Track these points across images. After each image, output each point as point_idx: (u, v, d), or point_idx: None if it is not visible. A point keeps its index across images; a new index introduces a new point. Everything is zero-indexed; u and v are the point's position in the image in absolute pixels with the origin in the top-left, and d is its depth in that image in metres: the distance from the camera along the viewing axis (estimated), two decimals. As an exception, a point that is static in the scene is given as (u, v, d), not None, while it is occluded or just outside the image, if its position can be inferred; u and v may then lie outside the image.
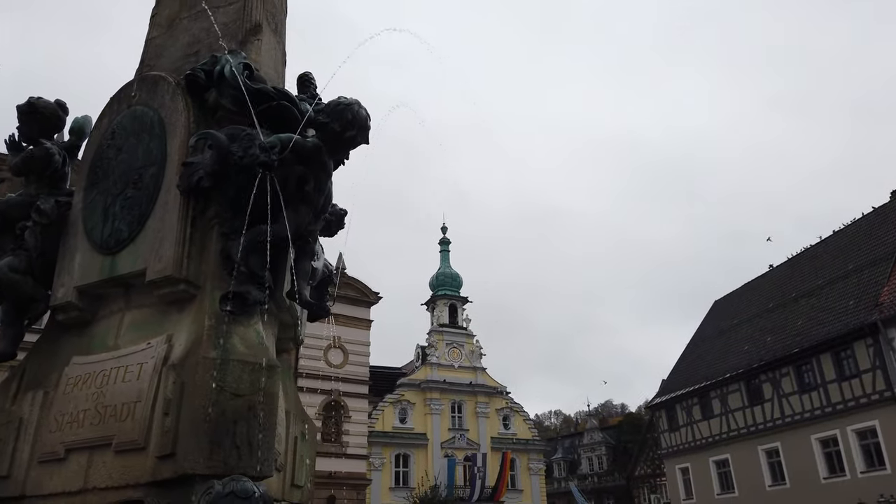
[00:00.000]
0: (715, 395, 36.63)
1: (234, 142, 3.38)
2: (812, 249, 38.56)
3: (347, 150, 3.72)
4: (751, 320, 38.60)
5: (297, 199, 3.44)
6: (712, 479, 36.18)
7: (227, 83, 3.58)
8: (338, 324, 28.92)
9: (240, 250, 3.23)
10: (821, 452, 29.71)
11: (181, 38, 4.31)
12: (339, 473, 26.37)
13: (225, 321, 3.11)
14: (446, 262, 53.98)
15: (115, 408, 3.05)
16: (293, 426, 3.97)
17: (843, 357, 29.21)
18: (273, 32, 4.57)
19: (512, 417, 49.61)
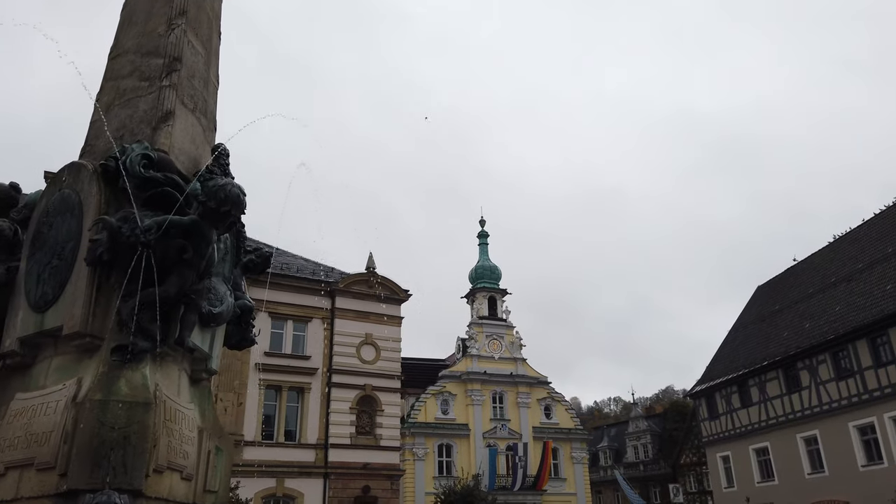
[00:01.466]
0: (754, 383, 36.26)
1: (126, 223, 4.25)
2: (853, 232, 37.54)
3: (226, 222, 4.55)
4: (791, 306, 37.94)
5: (180, 264, 4.29)
6: (752, 468, 35.89)
7: (129, 172, 4.46)
8: (370, 321, 30.05)
9: (132, 309, 4.12)
10: (858, 440, 29.23)
11: (113, 123, 5.21)
12: (374, 464, 27.50)
13: (116, 367, 4.01)
14: (485, 254, 54.71)
15: (37, 435, 3.98)
16: (207, 441, 4.85)
17: (879, 343, 28.60)
18: (192, 111, 5.43)
19: (554, 407, 50.10)
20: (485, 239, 55.42)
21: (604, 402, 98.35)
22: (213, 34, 6.09)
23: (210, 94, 5.91)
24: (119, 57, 5.61)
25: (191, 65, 5.53)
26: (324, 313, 29.17)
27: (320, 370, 28.17)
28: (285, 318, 28.33)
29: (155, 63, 5.32)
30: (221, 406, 25.30)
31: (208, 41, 5.93)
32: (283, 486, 25.68)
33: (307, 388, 27.72)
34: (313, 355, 28.26)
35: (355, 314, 29.59)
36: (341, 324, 29.20)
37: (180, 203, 4.40)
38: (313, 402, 27.66)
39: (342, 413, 27.82)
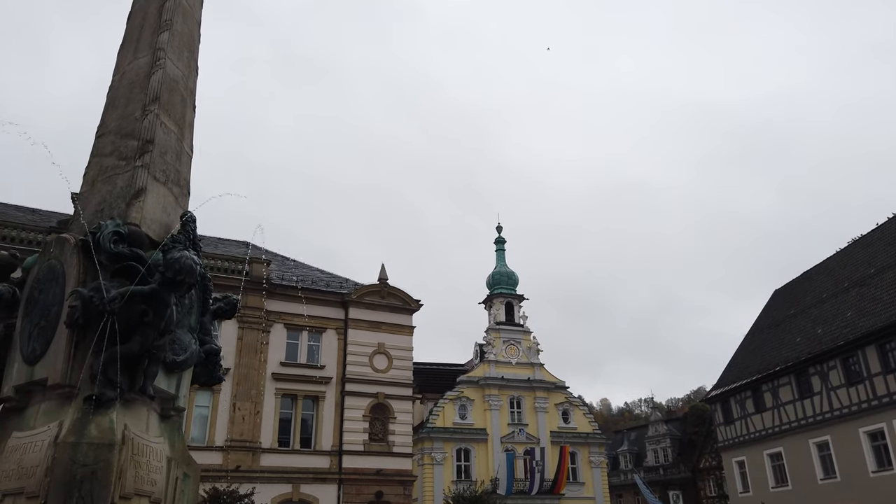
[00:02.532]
0: (767, 389, 36.38)
1: (96, 293, 5.14)
2: (868, 236, 37.42)
3: (182, 288, 5.41)
4: (805, 311, 37.93)
5: (143, 325, 5.16)
6: (767, 473, 36.00)
7: (101, 248, 5.36)
8: (381, 331, 31.00)
9: (100, 364, 5.01)
10: (869, 446, 29.28)
11: (96, 197, 6.13)
12: (387, 470, 28.40)
13: (88, 413, 4.89)
14: (502, 261, 55.34)
15: (27, 469, 4.87)
16: (175, 469, 5.72)
17: (888, 349, 28.63)
18: (164, 183, 6.32)
19: (571, 411, 50.56)
20: (502, 245, 56.05)
21: (634, 402, 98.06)
22: (186, 110, 6.99)
23: (183, 164, 6.81)
24: (103, 136, 6.54)
25: (163, 143, 6.42)
26: (337, 324, 30.20)
27: (334, 379, 29.19)
28: (300, 328, 29.38)
29: (131, 144, 6.23)
30: (239, 415, 26.50)
31: (181, 119, 6.83)
32: (299, 491, 26.71)
33: (322, 397, 28.75)
34: (327, 365, 29.29)
35: (368, 324, 30.55)
36: (354, 334, 30.18)
37: (142, 273, 5.29)
38: (328, 410, 28.67)
39: (356, 421, 28.79)
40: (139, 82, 6.60)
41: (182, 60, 7.04)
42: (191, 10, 7.40)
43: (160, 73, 6.56)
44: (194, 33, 7.46)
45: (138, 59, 6.77)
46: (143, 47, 6.82)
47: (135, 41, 6.96)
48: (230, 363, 27.26)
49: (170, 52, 6.80)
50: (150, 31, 6.89)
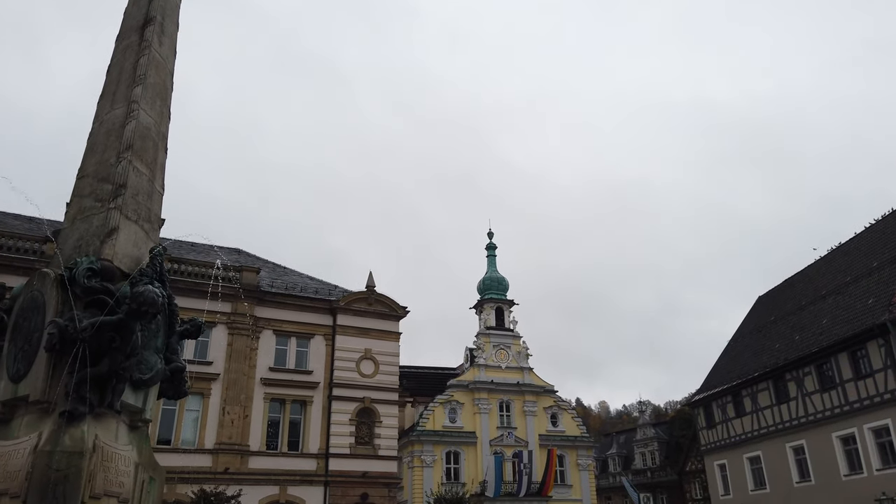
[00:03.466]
0: (747, 394, 37.28)
1: (70, 323, 5.99)
2: (846, 245, 38.35)
3: (146, 318, 6.27)
4: (785, 317, 38.85)
5: (111, 350, 6.02)
6: (746, 476, 36.88)
7: (75, 282, 6.22)
8: (369, 337, 31.84)
9: (74, 384, 5.86)
10: (841, 450, 30.19)
11: (75, 234, 6.99)
12: (372, 473, 29.23)
13: (63, 426, 5.74)
14: (493, 266, 56.21)
15: (11, 473, 5.71)
16: (142, 473, 6.58)
17: (859, 356, 29.53)
18: (135, 221, 7.17)
19: (560, 415, 51.40)
20: (493, 251, 56.91)
21: (633, 405, 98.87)
22: (158, 153, 7.85)
23: (154, 201, 7.68)
24: (83, 178, 7.40)
25: (135, 185, 7.28)
26: (325, 330, 31.05)
27: (322, 384, 30.03)
28: (289, 335, 30.25)
29: (106, 188, 7.08)
30: (228, 418, 27.35)
31: (153, 162, 7.69)
32: (286, 493, 27.55)
33: (309, 401, 29.60)
34: (315, 370, 30.15)
35: (355, 330, 31.41)
36: (342, 340, 31.04)
37: (111, 305, 6.17)
38: (315, 413, 29.52)
39: (342, 424, 29.64)
40: (115, 131, 7.46)
41: (155, 109, 7.91)
42: (164, 63, 8.27)
43: (133, 123, 7.42)
44: (167, 83, 8.32)
45: (115, 110, 7.64)
46: (120, 99, 7.68)
47: (112, 93, 7.82)
48: (220, 368, 28.17)
49: (143, 103, 7.66)
50: (125, 85, 7.75)
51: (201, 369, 27.58)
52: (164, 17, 8.36)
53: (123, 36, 8.29)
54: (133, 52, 7.97)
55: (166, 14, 8.43)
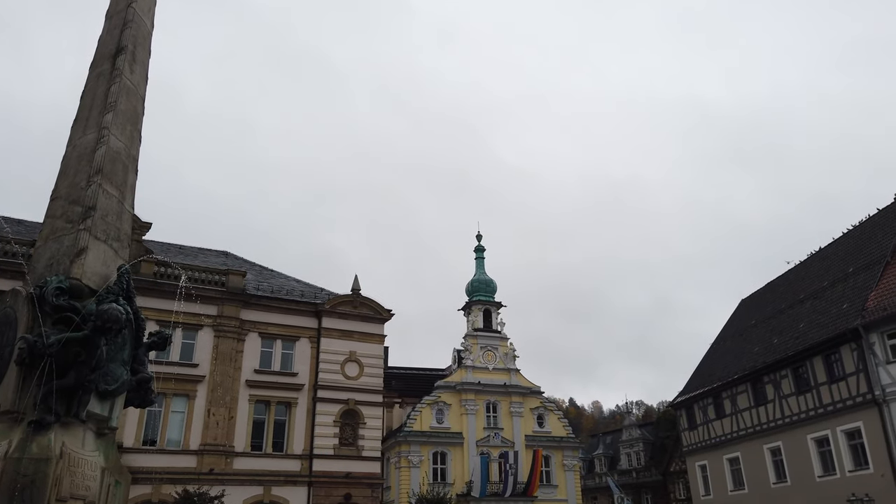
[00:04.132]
0: (726, 396, 37.92)
1: (39, 338, 6.47)
2: (824, 250, 39.00)
3: (110, 334, 6.76)
4: (765, 321, 39.50)
5: (77, 364, 6.51)
6: (726, 477, 37.53)
7: (45, 300, 6.71)
8: (353, 340, 32.32)
9: (42, 395, 6.34)
10: (815, 452, 30.83)
11: (47, 252, 7.48)
12: (356, 474, 29.72)
13: (31, 434, 6.22)
14: (481, 268, 56.71)
15: (-16, 477, 6.25)
16: (108, 477, 7.08)
17: (832, 360, 30.18)
18: (104, 241, 7.66)
19: (546, 416, 51.93)
20: (481, 253, 57.41)
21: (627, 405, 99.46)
22: (128, 175, 8.33)
23: (124, 220, 8.17)
24: (56, 200, 7.89)
25: (105, 207, 7.76)
26: (311, 332, 31.52)
27: (307, 386, 30.51)
28: (274, 337, 30.71)
29: (77, 210, 7.57)
30: (214, 420, 27.81)
31: (123, 184, 8.18)
32: (270, 493, 28.02)
33: (294, 403, 30.07)
34: (300, 372, 30.61)
35: (340, 333, 31.89)
36: (327, 342, 31.50)
37: (77, 322, 6.67)
38: (300, 415, 30.00)
39: (326, 426, 30.12)
40: (86, 155, 7.95)
41: (125, 134, 8.40)
42: (135, 89, 8.75)
43: (104, 148, 7.91)
44: (138, 108, 8.81)
45: (87, 136, 8.12)
46: (92, 125, 8.17)
47: (85, 119, 8.31)
48: (205, 370, 28.62)
49: (114, 128, 8.15)
50: (97, 111, 8.24)
51: (187, 371, 28.04)
52: (135, 46, 8.84)
53: (97, 64, 8.77)
54: (105, 80, 8.46)
55: (138, 43, 8.92)
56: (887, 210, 34.33)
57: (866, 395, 27.78)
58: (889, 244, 31.04)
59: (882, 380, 27.16)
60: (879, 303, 28.30)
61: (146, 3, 9.24)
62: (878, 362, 27.39)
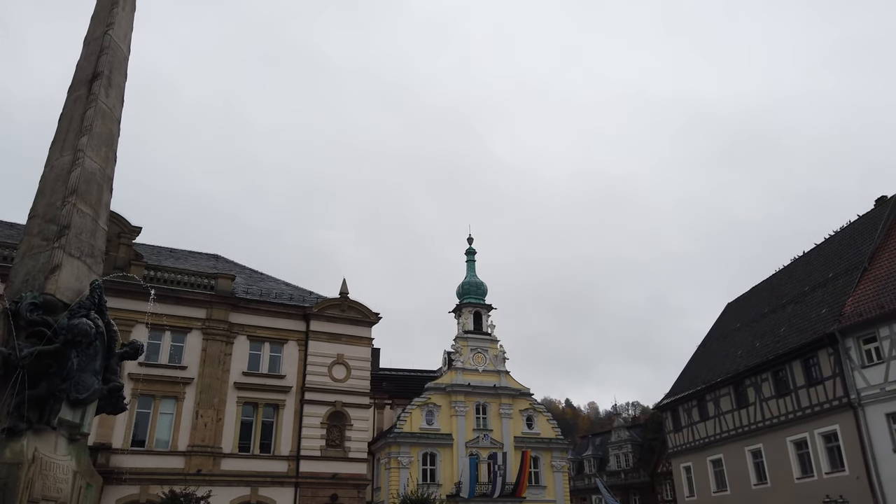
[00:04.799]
0: (710, 398, 38.49)
1: (13, 351, 6.95)
2: (807, 255, 39.57)
3: (80, 346, 7.24)
4: (749, 325, 40.08)
5: (49, 374, 7.00)
6: (709, 478, 38.09)
7: (19, 315, 7.20)
8: (341, 342, 32.81)
9: (15, 404, 6.83)
10: (794, 454, 31.40)
11: (24, 269, 7.96)
12: (342, 475, 30.20)
13: (5, 440, 6.71)
14: (472, 271, 57.21)
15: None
16: (79, 480, 7.58)
17: (811, 364, 30.76)
18: (78, 258, 8.14)
19: (535, 418, 52.46)
20: (472, 256, 57.91)
21: (622, 406, 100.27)
22: (102, 194, 8.81)
23: (98, 237, 8.66)
24: (34, 218, 8.37)
25: (79, 225, 8.25)
26: (299, 335, 32.00)
27: (294, 388, 31.00)
28: (263, 340, 31.18)
29: (52, 228, 8.05)
30: (202, 421, 28.28)
31: (97, 203, 8.66)
32: (258, 494, 28.49)
33: (282, 405, 30.55)
34: (288, 374, 31.09)
35: (328, 336, 32.37)
36: (315, 345, 31.98)
37: (49, 335, 7.17)
38: (287, 417, 30.48)
39: (314, 427, 30.60)
40: (62, 177, 8.43)
41: (100, 155, 8.88)
42: (111, 112, 9.24)
43: (79, 170, 8.40)
44: (113, 130, 9.29)
45: (63, 157, 8.61)
46: (68, 147, 8.65)
47: (62, 140, 8.79)
48: (194, 373, 29.09)
49: (89, 150, 8.63)
50: (74, 134, 8.72)
51: (176, 374, 28.53)
52: (111, 71, 9.33)
53: (74, 88, 9.26)
54: (82, 104, 8.94)
55: (114, 68, 9.41)
56: (868, 216, 34.94)
57: (842, 398, 28.34)
58: (867, 250, 31.61)
59: (857, 384, 27.72)
60: (856, 308, 28.87)
61: (122, 29, 9.72)
62: (854, 366, 27.95)
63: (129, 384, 27.55)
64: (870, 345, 27.61)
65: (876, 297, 28.19)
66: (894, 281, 28.00)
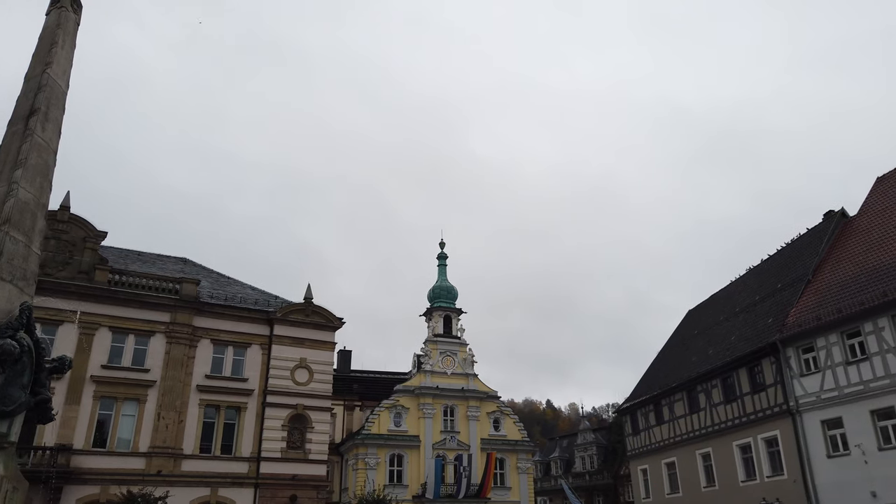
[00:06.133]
0: (665, 403, 39.72)
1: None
2: (762, 264, 40.91)
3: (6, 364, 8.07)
4: (705, 332, 41.38)
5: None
6: (664, 480, 39.30)
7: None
8: (304, 347, 33.59)
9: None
10: (740, 458, 32.65)
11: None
12: (302, 476, 30.99)
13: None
14: (443, 275, 58.15)
15: None
16: (6, 484, 8.40)
17: (755, 372, 32.02)
18: (10, 281, 8.93)
19: (502, 420, 53.53)
20: (444, 261, 58.86)
21: (602, 408, 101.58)
22: (36, 222, 9.60)
23: (31, 261, 9.46)
24: (-30, 244, 9.19)
25: (11, 252, 9.04)
26: (262, 339, 32.73)
27: (256, 391, 31.73)
28: (226, 343, 31.88)
29: (-15, 255, 8.89)
30: (163, 423, 28.97)
31: (31, 230, 9.46)
32: (217, 494, 29.20)
33: (244, 407, 31.27)
34: (251, 377, 31.82)
35: (291, 340, 33.13)
36: (278, 349, 32.74)
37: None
38: (249, 419, 31.21)
39: (275, 430, 31.35)
40: (-3, 206, 9.25)
41: (35, 185, 9.68)
42: (47, 145, 10.03)
43: (12, 200, 9.20)
44: (49, 161, 10.08)
45: (-1, 188, 9.43)
46: (3, 179, 9.44)
47: None
48: (157, 376, 29.74)
49: (23, 182, 9.43)
50: (9, 167, 9.51)
51: (138, 376, 29.19)
52: (48, 107, 10.12)
53: (13, 122, 10.05)
54: (18, 138, 9.74)
55: (51, 104, 10.20)
56: (815, 230, 36.32)
57: (782, 405, 29.61)
58: (812, 263, 32.94)
59: (796, 391, 28.99)
60: (798, 319, 30.15)
61: (61, 67, 10.52)
62: (793, 375, 29.22)
63: (91, 386, 28.24)
64: (808, 354, 28.89)
65: (815, 308, 29.48)
66: (833, 293, 29.30)
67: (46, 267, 28.66)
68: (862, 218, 33.04)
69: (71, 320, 26.37)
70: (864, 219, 32.70)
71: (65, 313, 26.90)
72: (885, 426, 25.08)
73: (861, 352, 26.35)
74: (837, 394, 26.96)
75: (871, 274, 27.82)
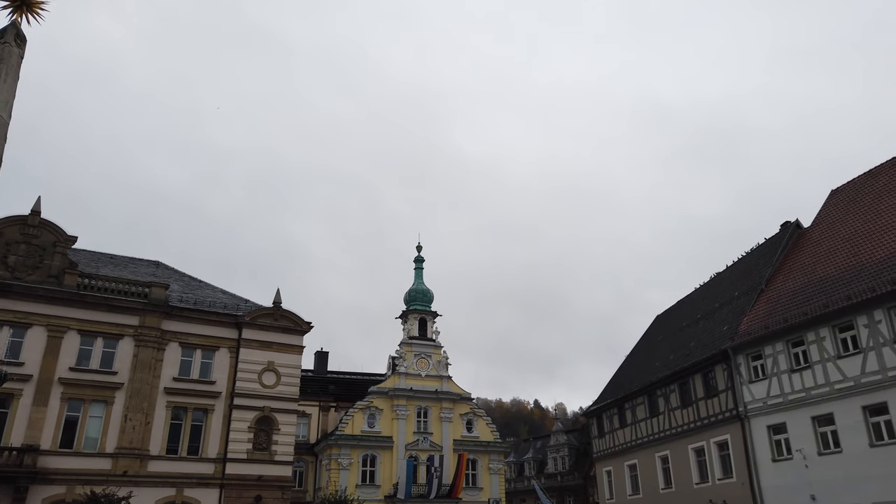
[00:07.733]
0: (629, 406, 40.74)
1: None
2: (725, 271, 42.00)
3: None
4: (669, 337, 42.43)
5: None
6: (626, 482, 40.32)
7: None
8: (272, 350, 34.32)
9: None
10: (694, 461, 33.68)
11: None
12: (267, 477, 31.73)
13: None
14: (420, 278, 58.94)
15: None
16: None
17: (709, 378, 33.05)
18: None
19: (475, 421, 54.41)
20: (420, 263, 59.65)
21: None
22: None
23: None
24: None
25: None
26: (231, 343, 33.43)
27: (224, 393, 32.44)
28: (195, 347, 32.56)
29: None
30: (130, 425, 29.66)
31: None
32: (183, 494, 29.89)
33: (211, 409, 31.97)
34: (218, 380, 32.52)
35: (259, 344, 33.85)
36: (246, 352, 33.45)
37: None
38: (216, 421, 31.91)
39: (241, 431, 32.07)
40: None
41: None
42: (-14, 172, 10.82)
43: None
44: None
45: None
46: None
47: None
48: (125, 378, 30.39)
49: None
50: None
51: (106, 378, 29.85)
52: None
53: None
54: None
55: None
56: (772, 240, 37.43)
57: (732, 410, 30.64)
58: (767, 272, 34.01)
59: (745, 397, 30.02)
60: (749, 327, 31.18)
61: (3, 98, 11.28)
62: (743, 381, 30.26)
63: (59, 388, 28.87)
64: (757, 362, 29.92)
65: (765, 317, 30.51)
66: (783, 303, 30.35)
67: (16, 271, 29.33)
68: (815, 230, 34.15)
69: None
70: (817, 231, 33.80)
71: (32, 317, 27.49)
72: (824, 432, 26.11)
73: (804, 360, 27.40)
74: (782, 400, 27.99)
75: (818, 285, 28.87)
